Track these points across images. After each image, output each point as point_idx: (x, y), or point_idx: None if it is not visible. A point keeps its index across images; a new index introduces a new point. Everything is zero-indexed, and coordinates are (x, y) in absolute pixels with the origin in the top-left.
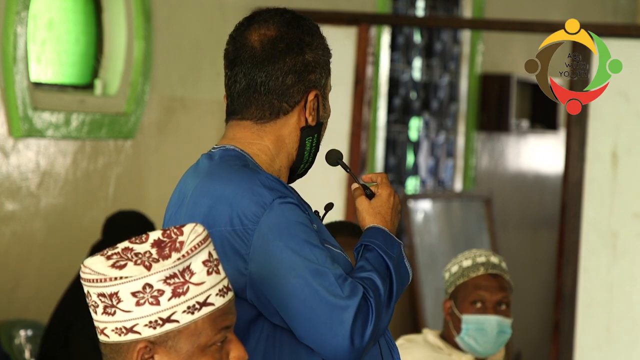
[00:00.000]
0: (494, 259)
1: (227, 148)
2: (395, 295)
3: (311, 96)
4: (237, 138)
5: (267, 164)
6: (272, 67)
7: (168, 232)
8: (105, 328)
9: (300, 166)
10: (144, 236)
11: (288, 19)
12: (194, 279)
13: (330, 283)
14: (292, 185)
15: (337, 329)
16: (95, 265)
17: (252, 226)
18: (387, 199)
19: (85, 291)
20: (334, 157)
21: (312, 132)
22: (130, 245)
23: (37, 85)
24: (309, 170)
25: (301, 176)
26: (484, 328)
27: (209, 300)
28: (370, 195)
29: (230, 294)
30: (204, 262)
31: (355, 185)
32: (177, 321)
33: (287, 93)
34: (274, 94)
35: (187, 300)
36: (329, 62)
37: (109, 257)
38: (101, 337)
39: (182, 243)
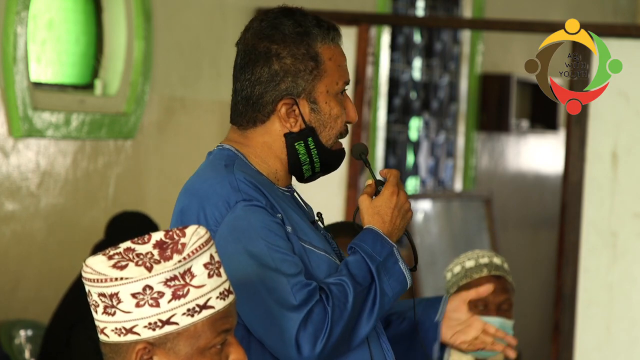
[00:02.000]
0: (497, 260)
1: (223, 147)
2: (380, 300)
3: (279, 106)
4: (232, 139)
5: (260, 166)
6: (243, 77)
7: (170, 233)
8: (105, 328)
9: (303, 167)
10: (146, 236)
11: (263, 27)
12: (194, 282)
13: (282, 291)
14: (304, 185)
15: (285, 336)
16: (97, 265)
17: (215, 228)
18: (389, 198)
19: (87, 290)
20: (357, 151)
21: (300, 138)
22: (132, 246)
23: (37, 85)
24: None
25: (327, 172)
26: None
27: (209, 303)
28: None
29: (231, 297)
30: (205, 265)
31: (369, 182)
32: (176, 323)
33: (258, 103)
34: (248, 104)
35: (187, 303)
36: (310, 66)
37: (110, 257)
38: (101, 337)
39: (184, 245)
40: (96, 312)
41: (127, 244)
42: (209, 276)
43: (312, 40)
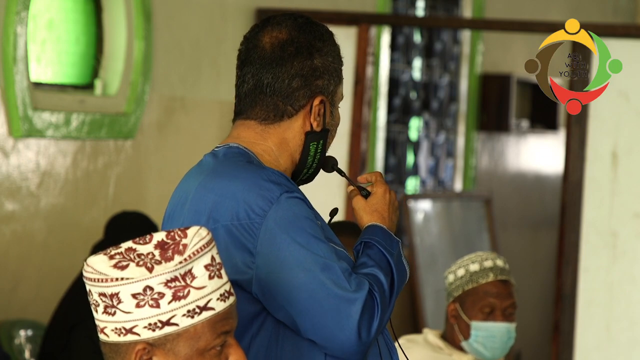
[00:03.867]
0: (500, 262)
1: (230, 146)
2: (396, 292)
3: (316, 101)
4: (241, 137)
5: (270, 164)
6: (279, 69)
7: (172, 234)
8: (105, 327)
9: (303, 171)
10: (147, 237)
11: (301, 23)
12: (195, 283)
13: (338, 277)
14: None
15: (345, 322)
16: (98, 265)
17: (260, 220)
18: (383, 196)
19: (87, 290)
20: (329, 164)
21: (317, 138)
22: (134, 246)
23: (37, 85)
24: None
25: (305, 182)
26: (494, 335)
27: (209, 305)
28: (367, 196)
29: (232, 299)
30: (206, 266)
31: (350, 188)
32: (176, 324)
33: (293, 96)
34: (279, 96)
35: (187, 304)
36: (340, 70)
37: (111, 257)
38: (101, 336)
39: (185, 246)
40: (96, 311)
41: (129, 243)
42: (210, 277)
43: (336, 44)
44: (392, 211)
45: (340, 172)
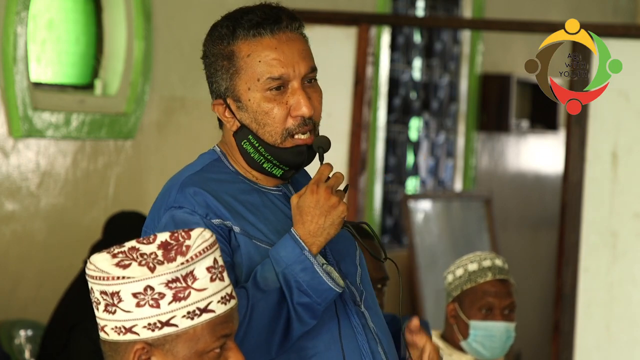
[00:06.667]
0: (499, 262)
1: (213, 149)
2: (293, 305)
3: (213, 108)
4: (221, 140)
5: (238, 165)
6: None
7: (176, 234)
8: (106, 326)
9: (263, 166)
10: (152, 237)
11: (208, 31)
12: (196, 285)
13: None
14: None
15: None
16: (100, 263)
17: (151, 232)
18: (309, 197)
19: (90, 287)
20: (316, 144)
21: (244, 135)
22: (137, 245)
23: (37, 85)
24: (313, 160)
25: (293, 172)
26: (493, 334)
27: (209, 307)
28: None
29: (233, 302)
30: (208, 269)
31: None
32: (175, 325)
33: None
34: None
35: (187, 306)
36: (228, 65)
37: (114, 256)
38: (101, 335)
39: (188, 247)
40: (97, 309)
41: (132, 243)
42: (212, 280)
43: (231, 39)
44: (317, 214)
45: (320, 156)
